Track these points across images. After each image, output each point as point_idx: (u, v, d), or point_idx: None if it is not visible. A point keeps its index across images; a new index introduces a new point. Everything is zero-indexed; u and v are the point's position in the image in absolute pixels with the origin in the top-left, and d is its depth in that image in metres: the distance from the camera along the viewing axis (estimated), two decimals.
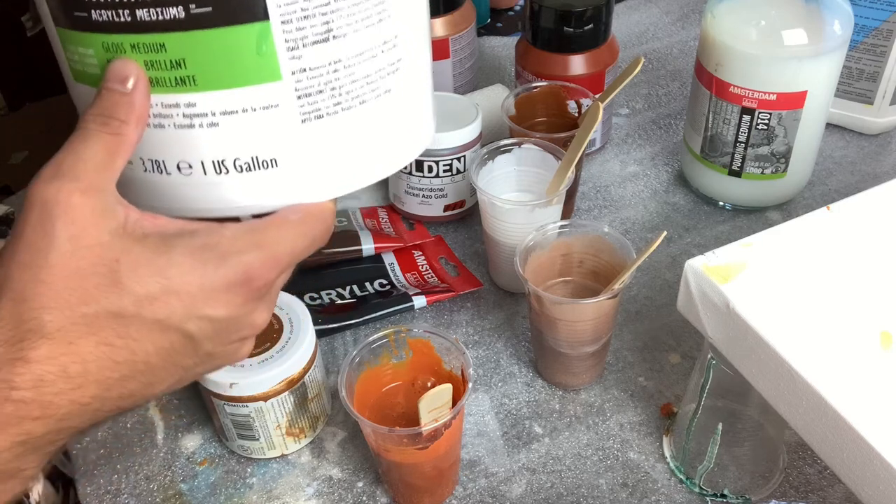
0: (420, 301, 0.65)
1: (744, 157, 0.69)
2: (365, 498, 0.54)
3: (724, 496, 0.52)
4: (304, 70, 0.34)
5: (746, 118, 0.66)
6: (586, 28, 0.72)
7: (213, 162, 0.35)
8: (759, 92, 0.64)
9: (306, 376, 0.53)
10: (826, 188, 0.76)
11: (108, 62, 0.34)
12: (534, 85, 0.71)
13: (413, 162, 0.69)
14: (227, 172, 0.36)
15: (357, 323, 0.64)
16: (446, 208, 0.72)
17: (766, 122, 0.66)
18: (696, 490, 0.53)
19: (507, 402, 0.60)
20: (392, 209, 0.76)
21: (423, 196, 0.71)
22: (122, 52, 0.33)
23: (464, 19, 0.81)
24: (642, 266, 0.64)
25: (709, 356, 0.48)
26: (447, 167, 0.69)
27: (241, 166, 0.36)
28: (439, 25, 0.79)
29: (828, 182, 0.77)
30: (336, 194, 0.38)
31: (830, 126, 0.80)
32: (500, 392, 0.60)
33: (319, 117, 0.35)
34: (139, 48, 0.33)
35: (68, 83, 0.37)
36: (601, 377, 0.61)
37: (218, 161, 0.35)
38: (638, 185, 0.78)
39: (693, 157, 0.73)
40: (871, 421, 0.37)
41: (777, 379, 0.42)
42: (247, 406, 0.52)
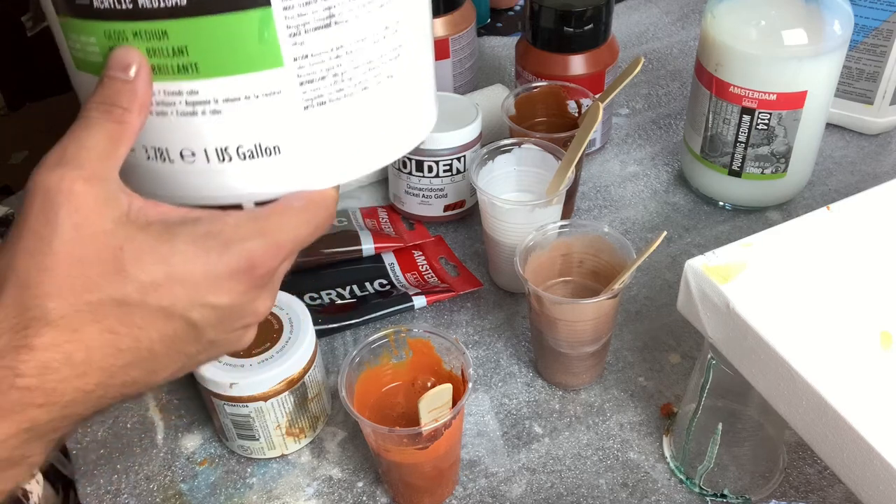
0: (420, 301, 0.65)
1: (744, 157, 0.69)
2: (365, 498, 0.54)
3: (724, 496, 0.52)
4: (307, 56, 0.34)
5: (746, 118, 0.66)
6: (586, 28, 0.72)
7: (215, 149, 0.35)
8: (759, 92, 0.64)
9: (306, 376, 0.54)
10: (826, 188, 0.76)
11: (110, 50, 0.33)
12: (534, 85, 0.71)
13: (413, 162, 0.69)
14: (230, 160, 0.36)
15: (357, 323, 0.64)
16: (446, 208, 0.72)
17: (766, 122, 0.66)
18: (696, 490, 0.53)
19: (507, 402, 0.60)
20: (392, 209, 0.76)
21: (423, 196, 0.71)
22: (124, 39, 0.33)
23: (464, 19, 0.81)
24: (642, 266, 0.64)
25: (709, 356, 0.48)
26: (447, 167, 0.69)
27: (243, 153, 0.35)
28: (439, 25, 0.79)
29: (828, 182, 0.77)
30: (339, 181, 0.38)
31: (830, 126, 0.80)
32: (500, 392, 0.60)
33: (322, 104, 0.35)
34: (141, 35, 0.33)
35: (70, 72, 0.37)
36: (601, 377, 0.61)
37: (221, 148, 0.35)
38: (638, 185, 0.78)
39: (693, 157, 0.73)
40: (871, 421, 0.37)
41: (777, 379, 0.42)
42: (247, 406, 0.52)
